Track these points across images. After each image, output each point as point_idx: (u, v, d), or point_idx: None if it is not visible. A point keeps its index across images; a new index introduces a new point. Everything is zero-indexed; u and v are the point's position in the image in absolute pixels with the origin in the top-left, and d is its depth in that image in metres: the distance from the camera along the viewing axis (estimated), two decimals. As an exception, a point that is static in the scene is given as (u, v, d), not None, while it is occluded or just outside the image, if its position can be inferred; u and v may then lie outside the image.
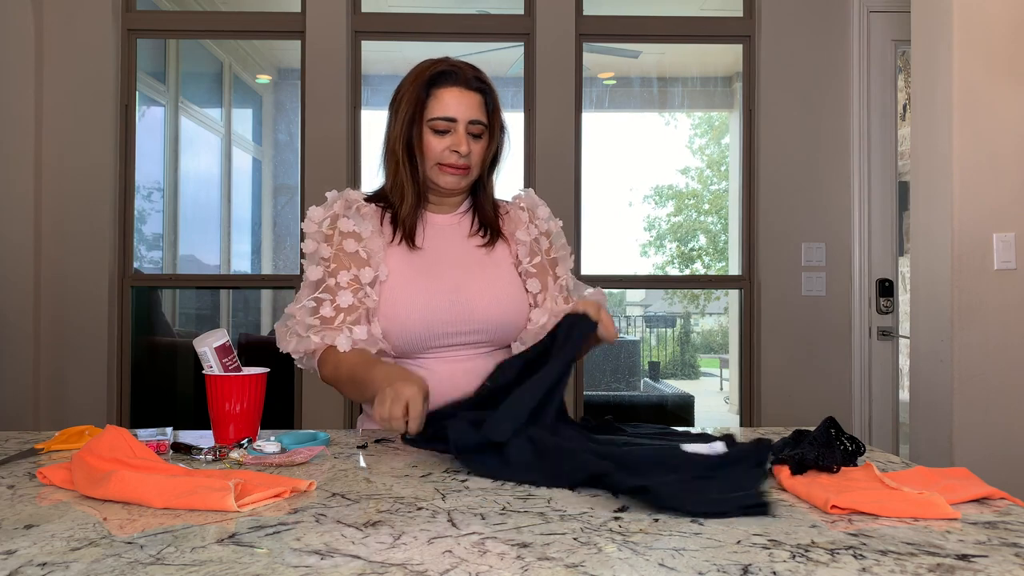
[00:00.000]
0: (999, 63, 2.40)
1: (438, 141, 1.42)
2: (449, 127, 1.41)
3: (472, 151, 1.43)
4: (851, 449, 1.10)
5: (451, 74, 1.42)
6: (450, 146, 1.41)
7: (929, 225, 2.51)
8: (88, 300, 3.29)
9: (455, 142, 1.41)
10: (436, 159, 1.43)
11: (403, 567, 0.70)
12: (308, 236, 1.46)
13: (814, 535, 0.80)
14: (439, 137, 1.42)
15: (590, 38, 3.53)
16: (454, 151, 1.41)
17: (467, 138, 1.41)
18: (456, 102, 1.41)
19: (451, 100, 1.41)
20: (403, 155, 1.43)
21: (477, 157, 1.44)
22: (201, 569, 0.70)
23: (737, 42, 3.54)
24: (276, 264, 4.85)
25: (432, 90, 1.41)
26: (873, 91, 3.40)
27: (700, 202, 6.49)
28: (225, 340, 1.29)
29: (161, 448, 1.17)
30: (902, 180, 3.48)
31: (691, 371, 7.68)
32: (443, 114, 1.41)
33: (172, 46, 4.21)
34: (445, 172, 1.43)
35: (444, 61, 1.44)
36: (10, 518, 0.86)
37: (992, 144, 2.39)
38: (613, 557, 0.73)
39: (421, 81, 1.42)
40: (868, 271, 3.40)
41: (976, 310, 2.37)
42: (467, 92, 1.42)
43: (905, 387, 3.06)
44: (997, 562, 0.73)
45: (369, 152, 3.49)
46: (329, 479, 1.03)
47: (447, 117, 1.41)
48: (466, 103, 1.42)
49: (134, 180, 3.43)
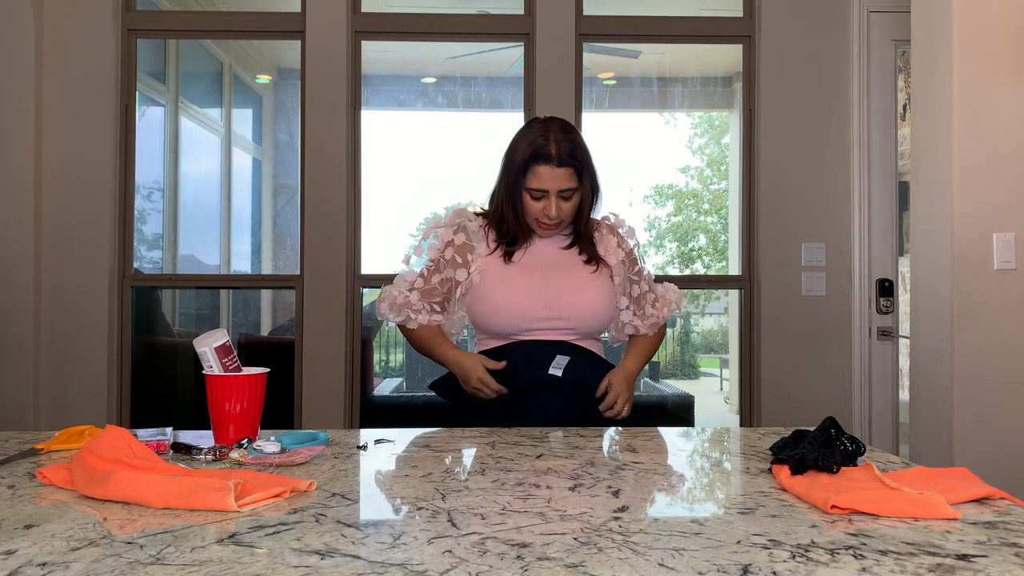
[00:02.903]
0: (999, 63, 2.40)
1: (535, 204, 1.74)
2: (543, 195, 1.72)
3: (562, 210, 1.73)
4: (851, 449, 1.10)
5: (544, 155, 1.71)
6: (543, 209, 1.73)
7: (929, 225, 2.51)
8: (88, 300, 3.29)
9: (546, 207, 1.73)
10: (533, 216, 1.75)
11: (403, 567, 0.70)
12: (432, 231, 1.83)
13: (814, 535, 0.80)
14: (536, 201, 1.73)
15: (590, 38, 3.53)
16: (546, 213, 1.73)
17: (558, 202, 1.72)
18: (548, 177, 1.71)
19: (545, 175, 1.71)
20: (508, 208, 1.76)
21: (567, 214, 1.75)
22: (201, 569, 0.70)
23: (737, 42, 3.54)
24: (276, 264, 4.85)
25: (531, 165, 1.71)
26: (873, 91, 3.40)
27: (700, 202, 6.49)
28: (225, 340, 1.29)
29: (161, 448, 1.17)
30: (902, 180, 3.48)
31: (691, 371, 7.68)
32: (538, 186, 1.72)
33: (172, 46, 4.21)
34: (541, 226, 1.76)
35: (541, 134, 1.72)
36: (10, 518, 0.86)
37: (992, 144, 2.39)
38: (613, 557, 0.73)
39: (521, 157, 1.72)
40: (868, 271, 3.40)
41: (976, 310, 2.37)
42: (558, 168, 1.70)
43: (905, 387, 3.06)
44: (997, 562, 0.73)
45: (369, 152, 3.49)
46: (329, 479, 1.03)
47: (541, 189, 1.72)
48: (557, 177, 1.71)
49: (134, 180, 3.42)
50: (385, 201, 4.12)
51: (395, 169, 4.67)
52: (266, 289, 4.66)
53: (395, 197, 4.52)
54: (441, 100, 4.88)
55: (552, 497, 0.94)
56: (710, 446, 1.33)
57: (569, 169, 1.71)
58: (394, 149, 4.65)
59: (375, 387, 4.51)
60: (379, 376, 5.07)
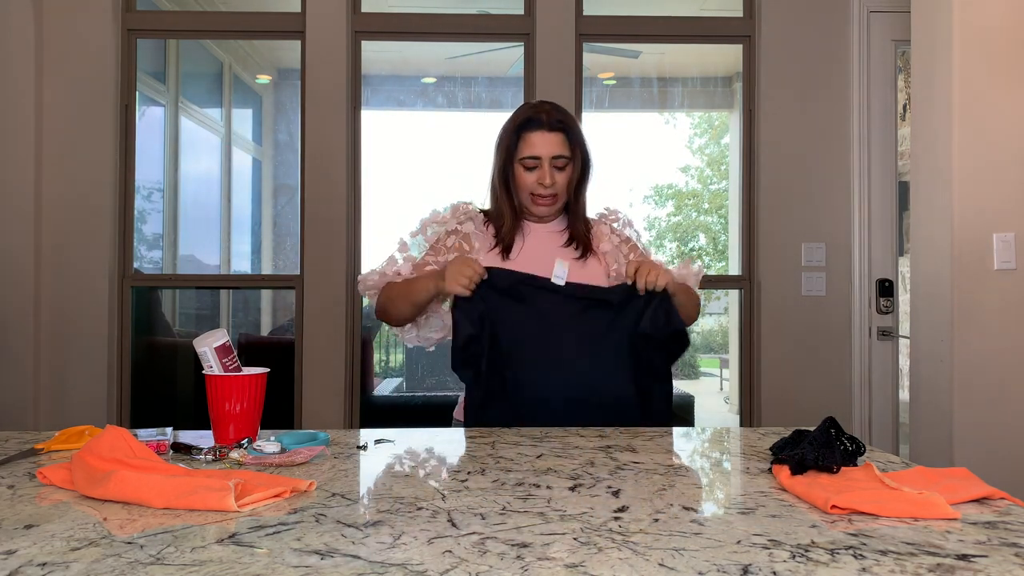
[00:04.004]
0: (999, 63, 2.40)
1: (528, 176, 1.72)
2: (536, 164, 1.71)
3: (556, 181, 1.71)
4: (851, 449, 1.10)
5: (536, 120, 1.71)
6: (537, 179, 1.71)
7: (929, 225, 2.51)
8: (88, 300, 3.29)
9: (541, 176, 1.70)
10: (528, 190, 1.72)
11: (403, 567, 0.70)
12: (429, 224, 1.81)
13: (814, 535, 0.80)
14: (529, 173, 1.71)
15: (590, 38, 3.53)
16: (540, 183, 1.70)
17: (551, 171, 1.70)
18: (540, 143, 1.70)
19: (537, 141, 1.70)
20: (501, 189, 1.75)
21: (562, 185, 1.73)
22: (201, 569, 0.70)
23: (737, 42, 3.54)
24: (276, 264, 4.85)
25: (521, 134, 1.71)
26: (873, 91, 3.40)
27: (700, 202, 6.49)
28: (225, 340, 1.29)
29: (161, 448, 1.17)
30: (902, 180, 3.48)
31: (691, 371, 7.68)
32: (530, 153, 1.70)
33: (172, 46, 4.21)
34: (537, 203, 1.74)
35: (531, 107, 1.74)
36: (10, 518, 0.86)
37: (992, 144, 2.39)
38: (613, 557, 0.73)
39: (512, 127, 1.73)
40: (868, 271, 3.40)
41: (976, 310, 2.37)
42: (549, 133, 1.70)
43: (905, 387, 3.06)
44: (997, 562, 0.73)
45: (369, 152, 3.49)
46: (329, 479, 1.03)
47: (533, 156, 1.70)
48: (549, 142, 1.70)
49: (134, 180, 3.42)
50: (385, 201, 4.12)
51: (395, 169, 4.67)
52: (266, 289, 4.66)
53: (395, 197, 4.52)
54: (441, 100, 4.88)
55: (552, 497, 0.94)
56: (710, 446, 1.33)
57: (560, 135, 1.70)
58: (394, 149, 4.65)
59: (375, 387, 4.51)
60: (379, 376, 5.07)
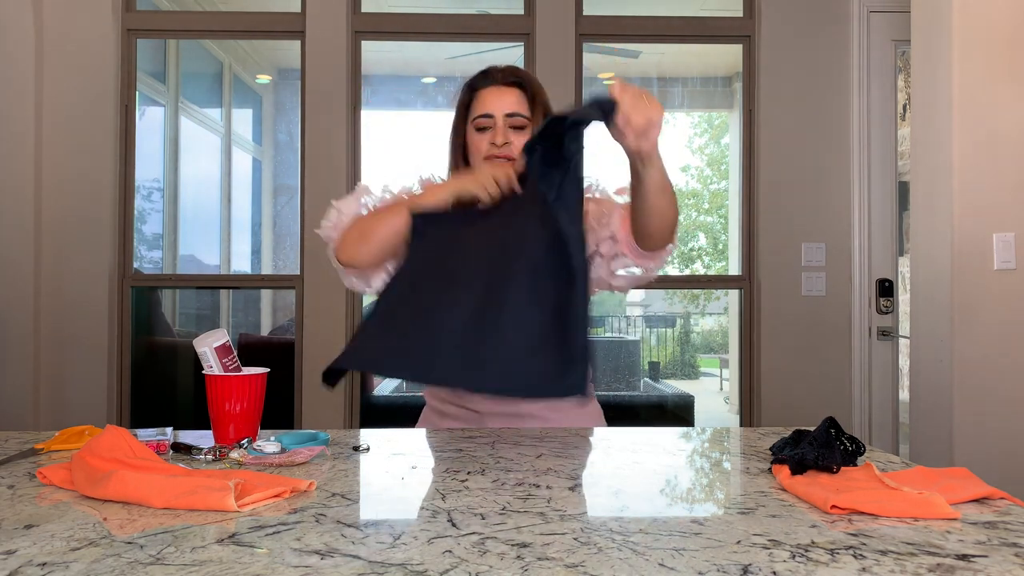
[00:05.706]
0: (999, 63, 2.40)
1: (481, 138, 1.51)
2: (489, 123, 1.50)
3: (512, 142, 1.48)
4: (851, 449, 1.10)
5: (487, 74, 1.54)
6: (490, 139, 1.50)
7: (929, 225, 2.51)
8: (88, 300, 3.29)
9: (494, 135, 1.49)
10: (482, 154, 1.50)
11: (403, 567, 0.70)
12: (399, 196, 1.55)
13: (814, 535, 0.80)
14: (482, 134, 1.51)
15: (590, 38, 3.53)
16: (493, 143, 1.49)
17: (506, 130, 1.49)
18: (492, 99, 1.51)
19: (488, 97, 1.51)
20: (459, 156, 1.56)
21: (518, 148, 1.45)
22: (201, 569, 0.70)
23: (737, 42, 3.54)
24: (276, 264, 4.85)
25: (473, 93, 1.53)
26: (873, 91, 3.40)
27: (700, 202, 6.49)
28: (225, 340, 1.29)
29: (161, 448, 1.17)
30: (902, 180, 3.48)
31: (691, 371, 7.68)
32: (482, 112, 1.50)
33: (172, 46, 4.21)
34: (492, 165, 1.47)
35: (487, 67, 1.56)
36: (10, 518, 0.86)
37: (992, 144, 2.39)
38: (613, 557, 0.73)
39: (465, 87, 1.55)
40: (868, 271, 3.40)
41: (976, 310, 2.37)
42: (502, 88, 1.51)
43: (905, 387, 3.06)
44: (997, 562, 0.73)
45: (369, 152, 3.49)
46: (329, 479, 1.03)
47: (485, 114, 1.50)
48: (502, 98, 1.51)
49: (134, 180, 3.42)
50: (385, 201, 4.11)
51: (395, 169, 4.67)
52: (266, 289, 4.66)
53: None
54: (441, 100, 4.88)
55: (552, 497, 0.94)
56: (710, 446, 1.33)
57: (516, 90, 1.51)
58: (394, 149, 4.65)
59: (375, 387, 4.51)
60: (379, 376, 5.07)
